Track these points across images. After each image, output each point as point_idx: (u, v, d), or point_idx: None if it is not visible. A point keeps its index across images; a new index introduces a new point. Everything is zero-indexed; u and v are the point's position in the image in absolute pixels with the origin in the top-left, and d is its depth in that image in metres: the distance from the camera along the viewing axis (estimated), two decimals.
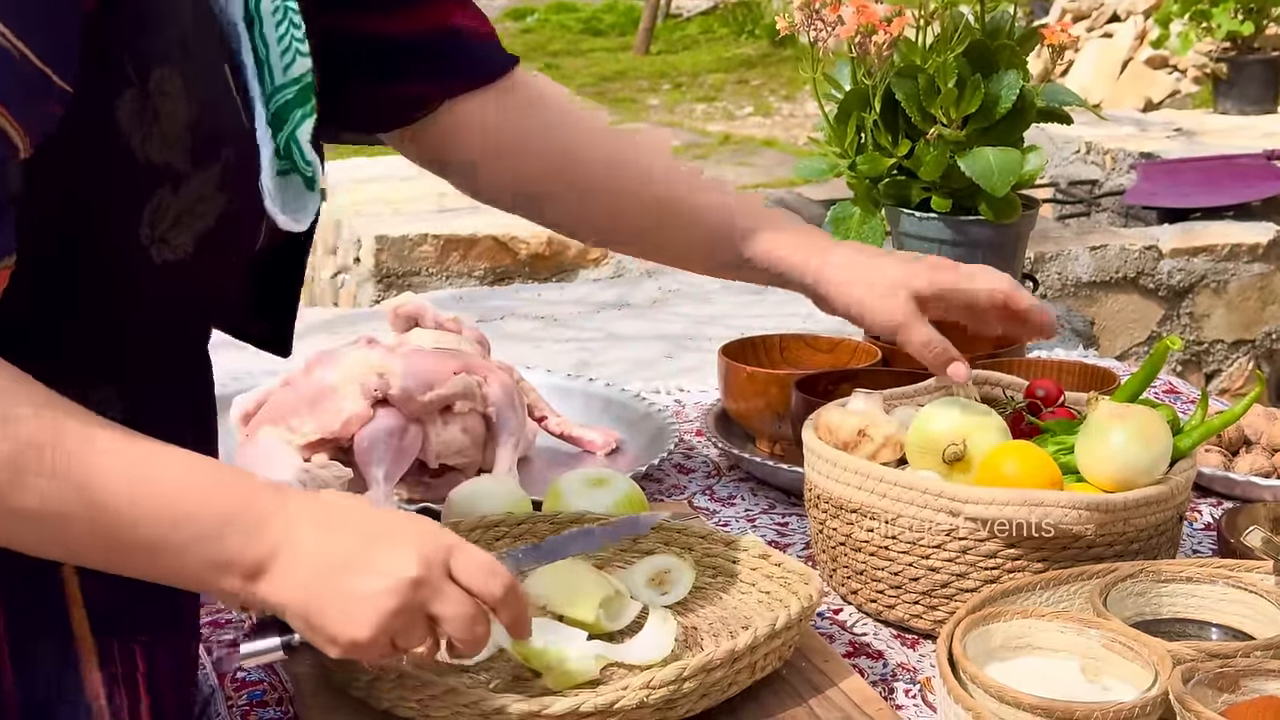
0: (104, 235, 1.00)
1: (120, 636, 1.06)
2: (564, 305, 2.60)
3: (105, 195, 0.98)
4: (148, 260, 1.01)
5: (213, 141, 1.02)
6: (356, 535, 0.99)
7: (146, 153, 0.98)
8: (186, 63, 1.00)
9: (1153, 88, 8.42)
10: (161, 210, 1.00)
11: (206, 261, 1.04)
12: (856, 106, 2.19)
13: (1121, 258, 3.36)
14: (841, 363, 1.90)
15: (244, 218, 1.07)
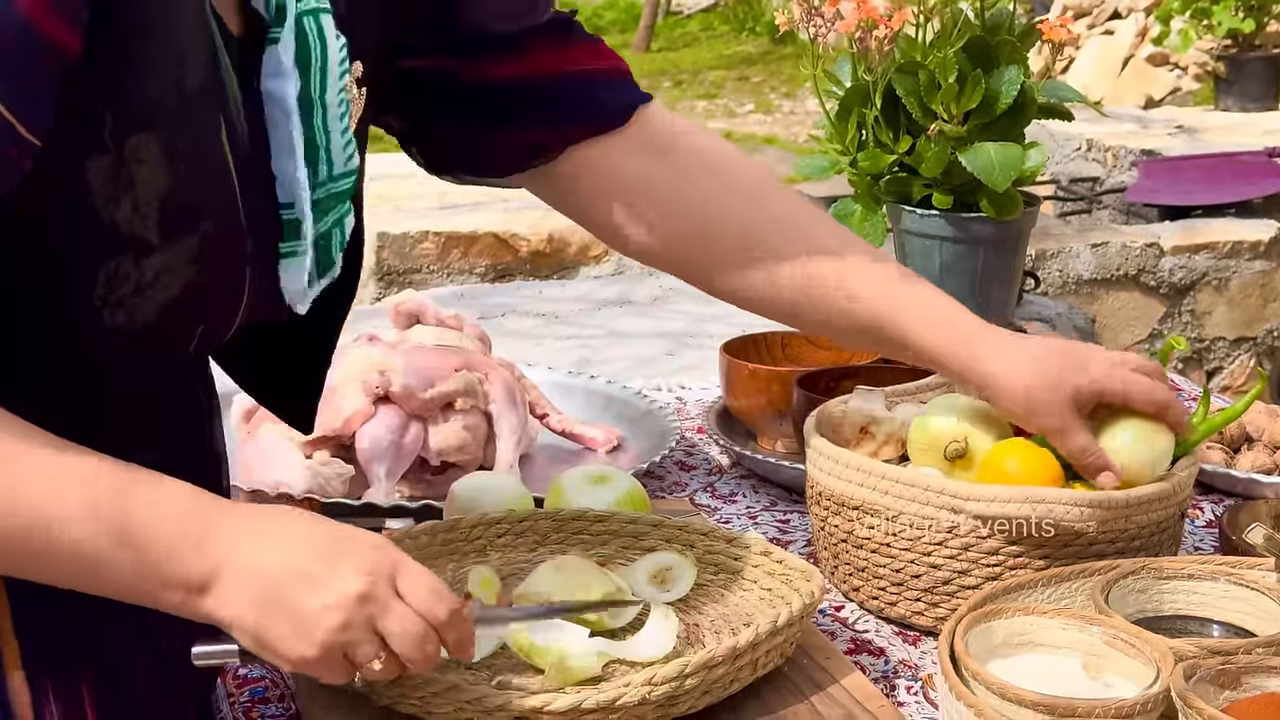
0: (61, 287, 0.98)
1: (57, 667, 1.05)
2: (565, 303, 2.60)
3: (64, 248, 0.97)
4: (99, 321, 0.99)
5: (190, 214, 1.00)
6: (302, 550, 0.97)
7: (112, 216, 0.96)
8: (174, 130, 0.98)
9: (1154, 85, 8.42)
10: (119, 277, 0.98)
11: (172, 329, 1.03)
12: (857, 103, 2.18)
13: (1123, 255, 3.36)
14: (843, 360, 1.90)
15: (214, 290, 1.04)
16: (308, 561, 0.97)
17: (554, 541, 1.44)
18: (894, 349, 1.37)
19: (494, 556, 1.43)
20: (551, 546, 1.44)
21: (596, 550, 1.43)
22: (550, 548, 1.44)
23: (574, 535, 1.45)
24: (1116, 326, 3.46)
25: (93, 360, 1.02)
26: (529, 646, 1.21)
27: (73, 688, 1.06)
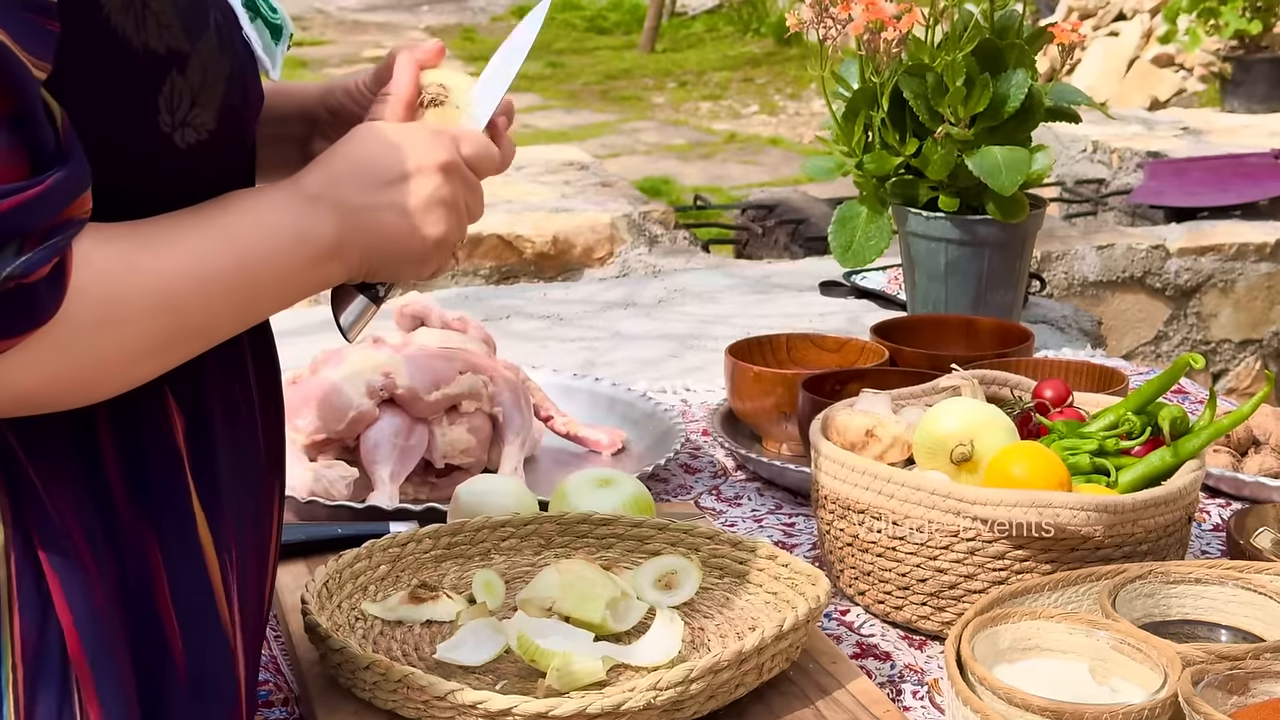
0: (123, 133, 0.99)
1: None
2: (569, 305, 2.60)
3: (116, 94, 0.98)
4: (176, 148, 1.01)
5: (199, 7, 1.02)
6: (385, 160, 1.08)
7: (145, 42, 0.97)
8: None
9: (1159, 86, 8.40)
10: (176, 95, 1.00)
11: (227, 132, 1.05)
12: (864, 105, 2.18)
13: (1128, 257, 3.35)
14: (849, 362, 1.89)
15: (243, 71, 1.06)
16: (399, 171, 1.08)
17: (559, 545, 1.44)
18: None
19: (498, 560, 1.42)
20: (556, 550, 1.44)
21: (601, 554, 1.43)
22: (555, 551, 1.43)
23: (579, 539, 1.44)
24: (1122, 329, 3.45)
25: (183, 198, 1.05)
26: (534, 650, 1.21)
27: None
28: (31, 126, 0.90)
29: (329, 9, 13.04)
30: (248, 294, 1.03)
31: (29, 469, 0.97)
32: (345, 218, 1.07)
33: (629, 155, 8.96)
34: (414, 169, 1.09)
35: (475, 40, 11.89)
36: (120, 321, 0.97)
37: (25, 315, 0.92)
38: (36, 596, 0.96)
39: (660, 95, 10.45)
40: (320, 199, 1.06)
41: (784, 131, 9.58)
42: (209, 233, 1.02)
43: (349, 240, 1.07)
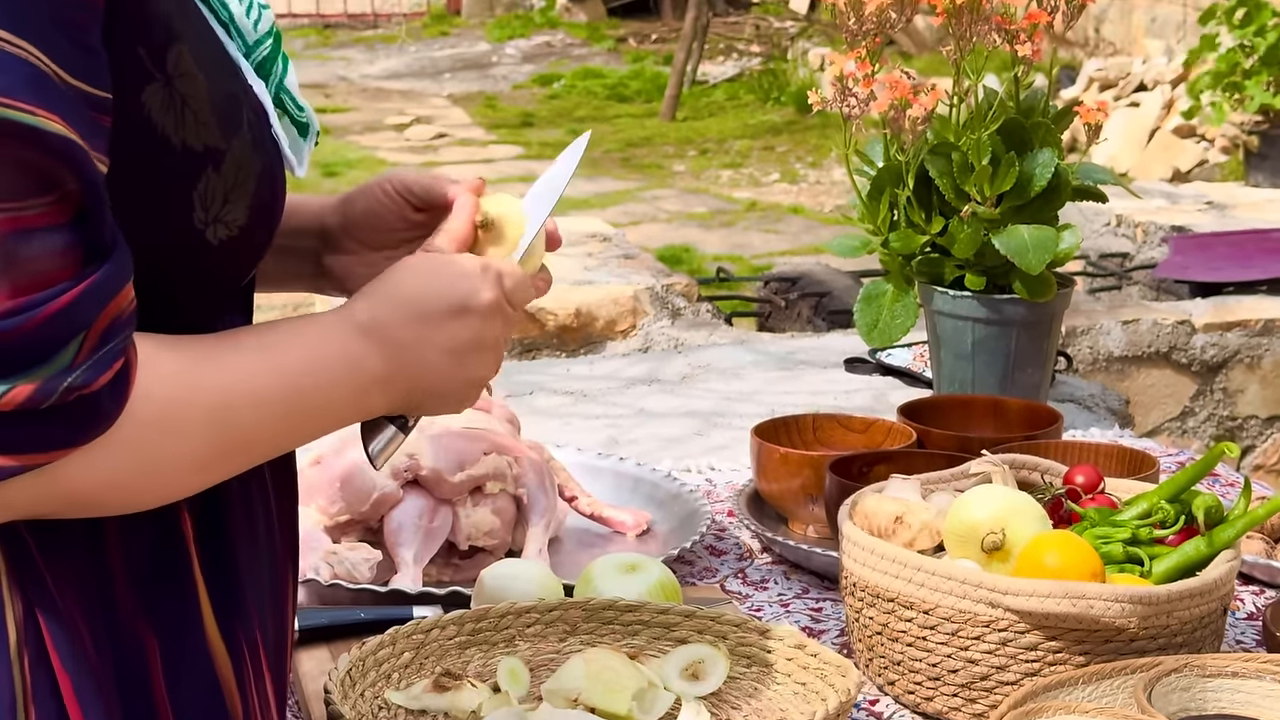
0: (157, 228, 1.00)
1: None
2: (593, 380, 2.59)
3: (153, 190, 0.99)
4: (208, 244, 1.01)
5: (233, 104, 1.03)
6: (435, 299, 1.09)
7: (183, 139, 0.98)
8: (190, 35, 1.00)
9: (1181, 157, 8.41)
10: (210, 192, 1.00)
11: (257, 228, 1.05)
12: (889, 183, 2.17)
13: (1154, 332, 3.33)
14: (875, 443, 1.88)
15: (275, 171, 1.07)
16: (447, 305, 1.09)
17: (584, 631, 1.42)
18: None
19: (523, 647, 1.41)
20: (582, 637, 1.42)
21: (628, 641, 1.41)
22: (580, 638, 1.42)
23: (605, 625, 1.43)
24: (1148, 404, 3.43)
25: (210, 290, 1.06)
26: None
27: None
28: (92, 223, 0.91)
29: (352, 76, 13.13)
30: (297, 418, 1.04)
31: (41, 565, 0.96)
32: (394, 353, 1.08)
33: (650, 223, 8.98)
34: (463, 308, 1.10)
35: (497, 108, 11.96)
36: (178, 432, 0.97)
37: (88, 423, 0.92)
38: (51, 700, 0.94)
39: (681, 163, 10.49)
40: (371, 332, 1.07)
41: (805, 200, 9.60)
42: (264, 355, 1.03)
43: (396, 375, 1.08)
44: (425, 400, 1.11)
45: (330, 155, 10.02)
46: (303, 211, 1.28)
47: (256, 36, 1.08)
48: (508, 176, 9.84)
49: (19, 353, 0.88)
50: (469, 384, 1.11)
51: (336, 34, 14.71)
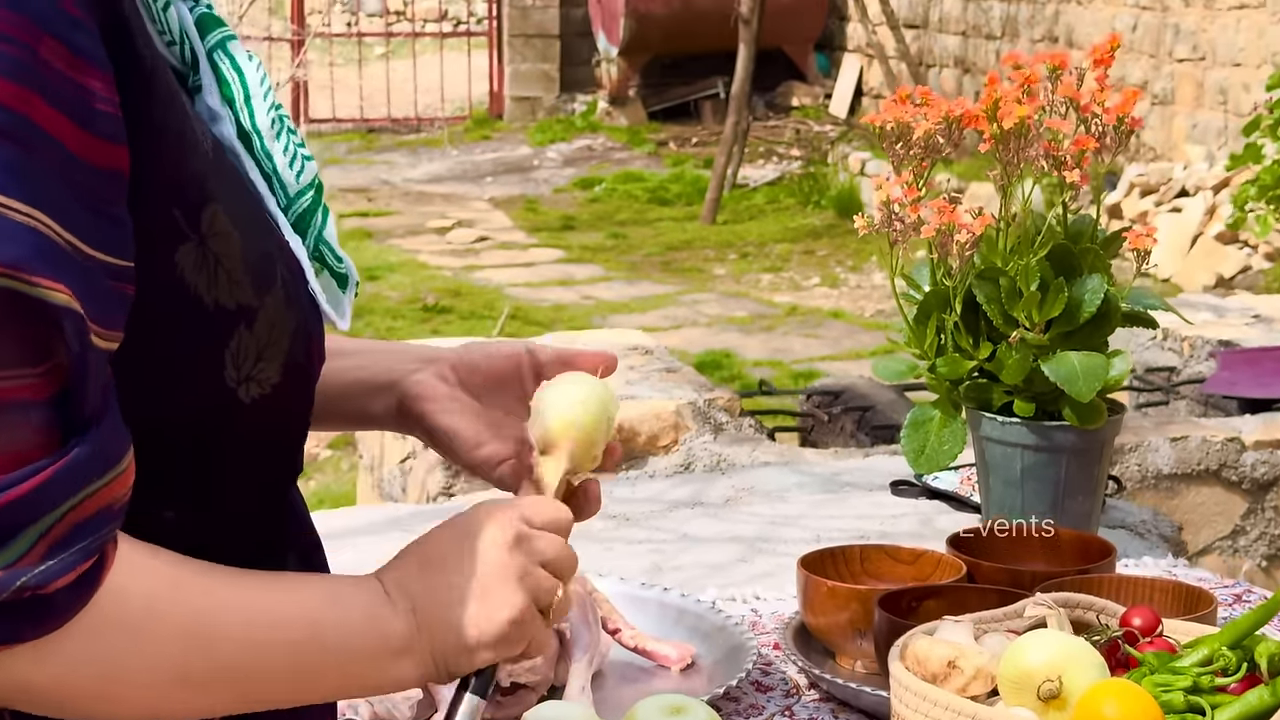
0: (187, 388, 0.98)
1: None
2: (635, 503, 2.56)
3: (184, 350, 0.97)
4: (240, 404, 1.00)
5: (267, 262, 1.02)
6: (451, 551, 1.06)
7: (216, 299, 0.97)
8: (224, 193, 0.99)
9: (1224, 263, 8.38)
10: (242, 351, 0.99)
11: (290, 386, 1.03)
12: (936, 307, 2.15)
13: (1203, 450, 3.29)
14: (924, 576, 1.84)
15: (308, 324, 1.06)
16: (458, 554, 1.06)
17: None
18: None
19: None
20: None
21: None
22: None
23: None
24: (1198, 522, 3.37)
25: (246, 452, 1.03)
26: None
27: None
28: (74, 400, 0.88)
29: (395, 180, 13.26)
30: (305, 660, 0.99)
31: None
32: (416, 614, 1.04)
33: (690, 327, 8.99)
34: (478, 557, 1.06)
35: (538, 211, 12.04)
36: (149, 638, 0.91)
37: (36, 620, 0.86)
38: None
39: (721, 267, 10.52)
40: (393, 593, 1.04)
41: (845, 304, 9.60)
42: (277, 586, 0.99)
43: (419, 638, 1.03)
44: (463, 657, 1.05)
45: (372, 259, 10.10)
46: (373, 370, 1.26)
47: (298, 188, 1.08)
48: (548, 279, 9.89)
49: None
50: (508, 626, 1.06)
51: (380, 138, 14.89)
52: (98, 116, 0.90)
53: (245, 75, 1.05)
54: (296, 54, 12.23)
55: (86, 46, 0.90)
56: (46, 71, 0.87)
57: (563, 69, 15.32)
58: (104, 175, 0.90)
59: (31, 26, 0.87)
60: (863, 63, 14.50)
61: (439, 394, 1.24)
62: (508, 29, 15.24)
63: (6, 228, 0.85)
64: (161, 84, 0.96)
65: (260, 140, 1.05)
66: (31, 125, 0.87)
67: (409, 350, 1.29)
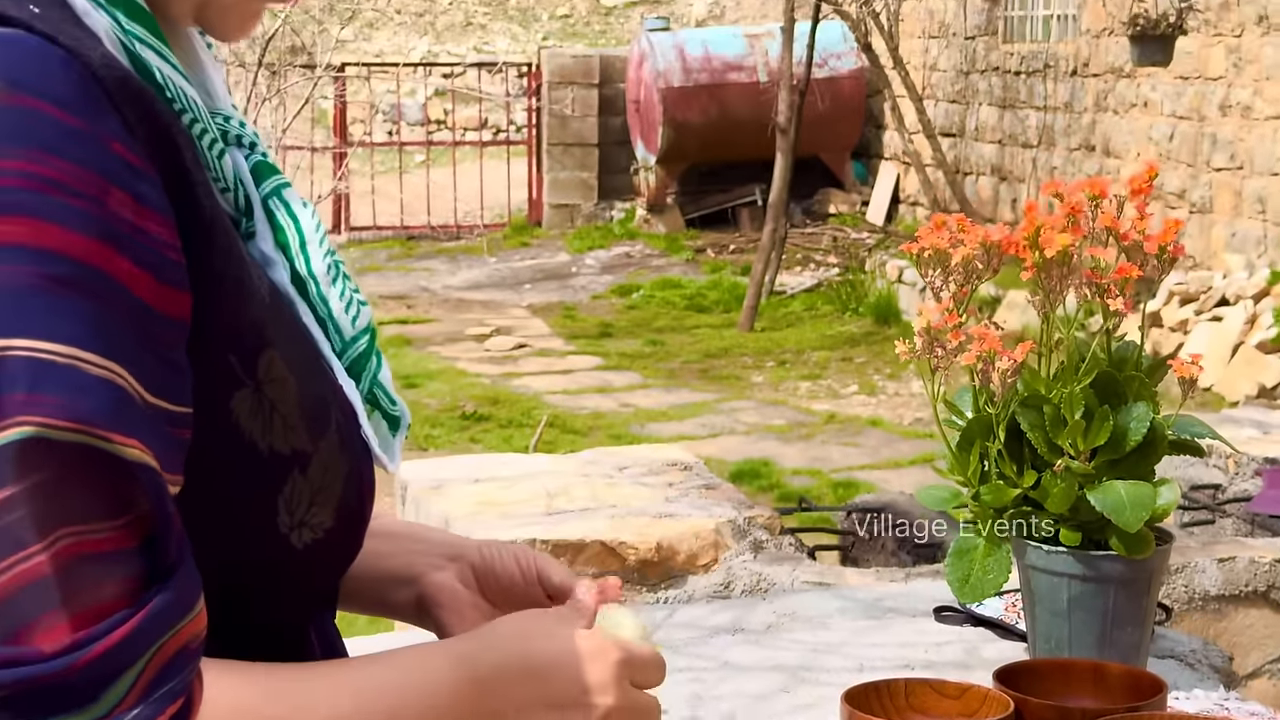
0: (239, 534, 0.98)
1: None
2: (675, 629, 2.54)
3: (237, 496, 0.97)
4: (292, 549, 0.99)
5: (321, 407, 1.02)
6: (561, 680, 1.03)
7: (271, 444, 0.97)
8: (281, 338, 1.00)
9: (1265, 372, 8.32)
10: (296, 496, 0.99)
11: (342, 530, 1.03)
12: (979, 435, 2.14)
13: (1251, 570, 3.24)
14: (971, 711, 1.81)
15: (363, 471, 1.05)
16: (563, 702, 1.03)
17: None
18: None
19: None
20: None
21: None
22: None
23: None
24: (1247, 645, 3.32)
25: (295, 595, 1.03)
26: None
27: None
28: (159, 548, 0.89)
29: (434, 287, 13.35)
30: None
31: None
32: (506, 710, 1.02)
33: (728, 435, 8.97)
34: (581, 684, 1.04)
35: (576, 318, 12.09)
36: None
37: None
38: None
39: (759, 374, 10.51)
40: (484, 691, 1.01)
41: (884, 412, 9.56)
42: (353, 692, 0.97)
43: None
44: None
45: (412, 366, 10.15)
46: (392, 563, 1.25)
47: (353, 333, 1.08)
48: (586, 387, 9.90)
49: (69, 692, 0.84)
50: None
51: (420, 245, 15.02)
52: (164, 264, 0.91)
53: (300, 221, 1.06)
54: (338, 166, 12.39)
55: (151, 196, 0.91)
56: (116, 223, 0.88)
57: (601, 177, 15.46)
58: (168, 322, 0.91)
59: (99, 180, 0.88)
60: (899, 170, 14.57)
61: (458, 601, 1.23)
62: (547, 137, 15.40)
63: (83, 381, 0.86)
64: (220, 231, 0.97)
65: (316, 285, 1.06)
66: (104, 277, 0.88)
67: (432, 541, 1.27)
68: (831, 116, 14.19)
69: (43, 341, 0.85)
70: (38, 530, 0.84)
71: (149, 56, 0.97)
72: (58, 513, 0.85)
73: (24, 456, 0.84)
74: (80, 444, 0.85)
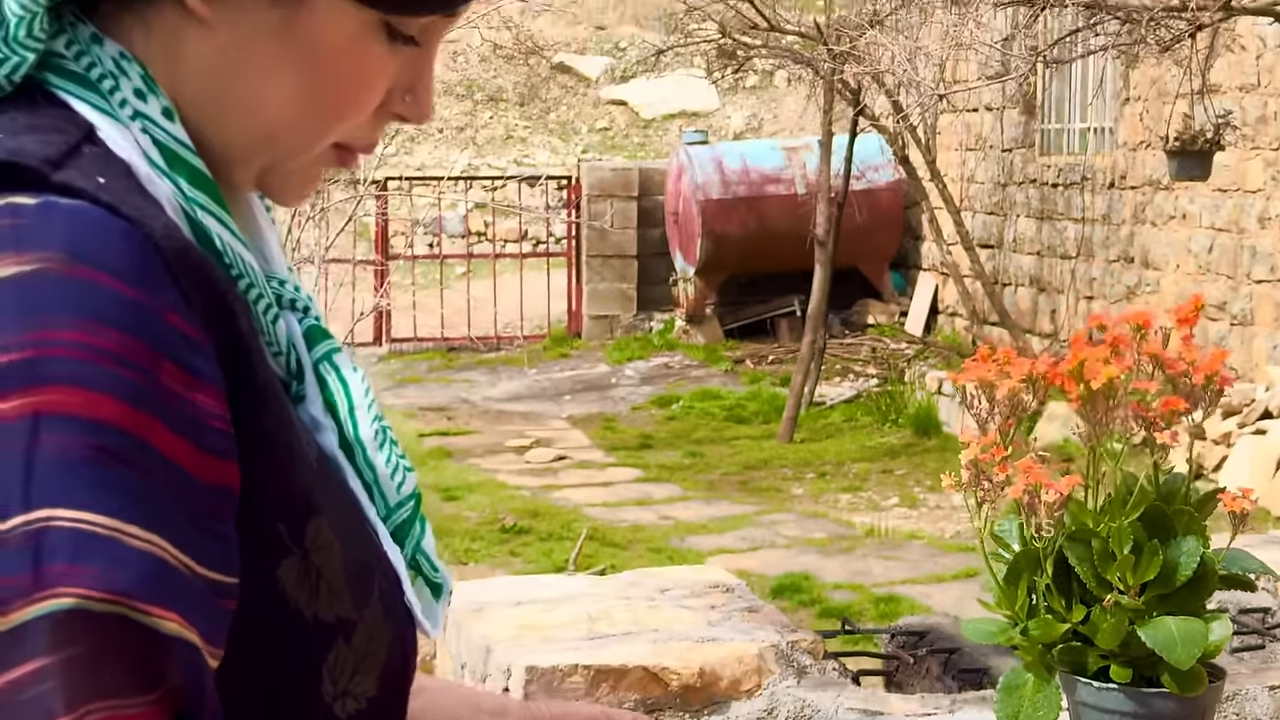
0: (282, 705, 0.97)
1: None
2: None
3: (281, 665, 0.97)
4: (332, 716, 0.99)
5: (365, 572, 1.02)
6: None
7: (316, 613, 0.97)
8: (329, 505, 1.00)
9: None
10: (340, 665, 0.98)
11: (385, 699, 1.02)
12: (1027, 568, 2.12)
13: None
14: None
15: (406, 639, 1.05)
16: None
17: None
18: None
19: None
20: None
21: None
22: None
23: None
24: None
25: None
26: None
27: None
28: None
29: (474, 398, 13.40)
30: None
31: None
32: None
33: (769, 549, 8.92)
34: None
35: (616, 430, 12.09)
36: None
37: None
38: None
39: (799, 486, 10.47)
40: None
41: (925, 525, 9.50)
42: None
43: None
44: None
45: (452, 479, 10.15)
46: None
47: (398, 499, 1.08)
48: (626, 499, 9.87)
49: None
50: None
51: (460, 356, 15.09)
52: (212, 435, 0.91)
53: (350, 386, 1.07)
54: (379, 281, 12.49)
55: (203, 368, 0.92)
56: (165, 395, 0.89)
57: (640, 288, 15.55)
58: (215, 492, 0.91)
59: (150, 351, 0.89)
60: (938, 281, 14.60)
61: None
62: (586, 249, 15.52)
63: (123, 554, 0.86)
64: (273, 397, 0.97)
65: (363, 451, 1.06)
66: (150, 449, 0.88)
67: (478, 700, 1.27)
68: (870, 228, 14.25)
69: (86, 512, 0.86)
70: (67, 703, 0.84)
71: (209, 223, 0.98)
72: (89, 686, 0.84)
73: (61, 628, 0.84)
74: (116, 615, 0.85)
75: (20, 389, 0.86)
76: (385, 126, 1.09)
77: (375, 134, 1.08)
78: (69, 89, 0.98)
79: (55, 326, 0.87)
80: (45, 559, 0.84)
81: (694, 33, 13.40)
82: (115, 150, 0.96)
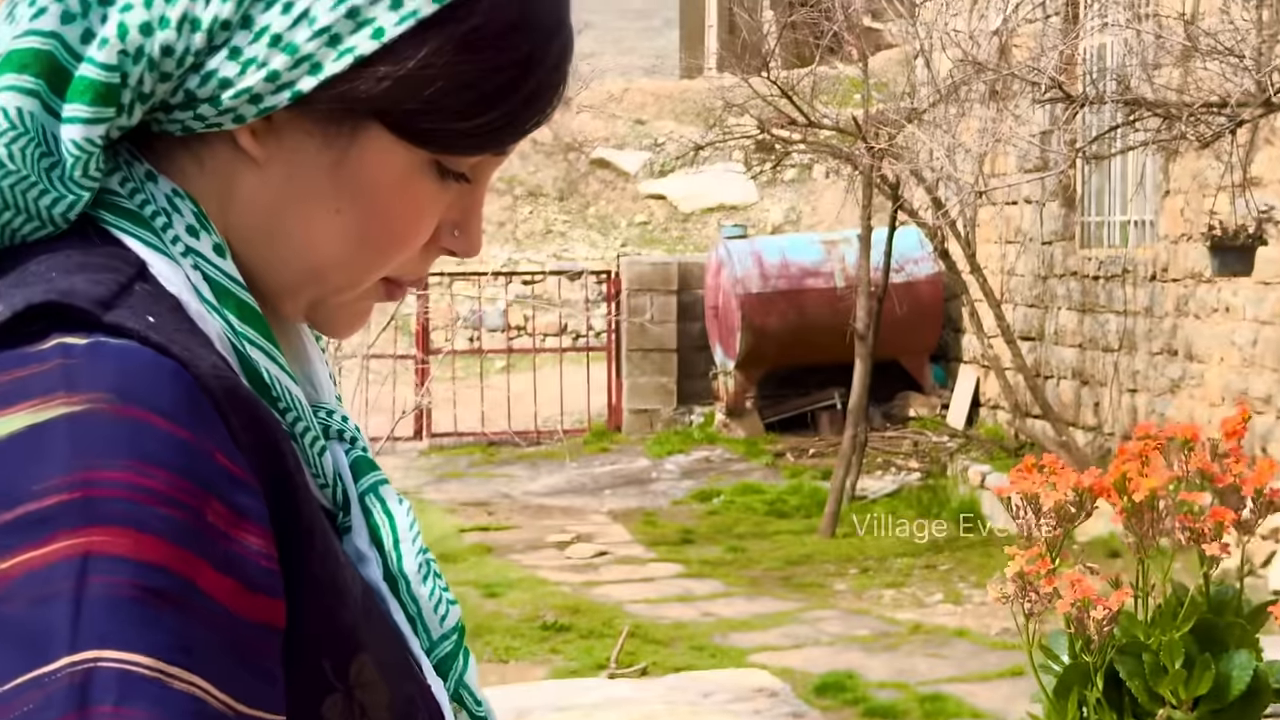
0: None
1: None
2: None
3: None
4: None
5: (410, 710, 1.01)
6: None
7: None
8: (375, 642, 1.00)
9: None
10: None
11: None
12: (1077, 682, 2.09)
13: None
14: None
15: None
16: None
17: None
18: None
19: None
20: None
21: None
22: None
23: None
24: None
25: None
26: None
27: None
28: None
29: (514, 493, 13.38)
30: None
31: None
32: None
33: (812, 646, 8.84)
34: None
35: (657, 524, 12.05)
36: None
37: None
38: None
39: (842, 581, 10.39)
40: None
41: (970, 622, 9.40)
42: None
43: None
44: None
45: (492, 575, 10.12)
46: None
47: (441, 632, 1.08)
48: (667, 596, 9.82)
49: None
50: None
51: (500, 451, 15.09)
52: (258, 573, 0.92)
53: (395, 519, 1.07)
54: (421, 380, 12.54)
55: (250, 506, 0.92)
56: (211, 534, 0.90)
57: (680, 382, 15.55)
58: (260, 630, 0.92)
59: (197, 490, 0.90)
60: (979, 374, 14.55)
61: None
62: (626, 343, 15.55)
63: (164, 696, 0.86)
64: (319, 534, 0.98)
65: (408, 585, 1.06)
66: (194, 589, 0.89)
67: None
68: (910, 321, 14.24)
69: (132, 654, 0.86)
70: None
71: (258, 358, 0.99)
72: None
73: None
74: None
75: (71, 529, 0.87)
76: (434, 260, 1.10)
77: (424, 268, 1.09)
78: (122, 226, 0.99)
79: (105, 467, 0.88)
80: (95, 699, 0.85)
81: (732, 128, 13.49)
82: (166, 286, 0.97)
